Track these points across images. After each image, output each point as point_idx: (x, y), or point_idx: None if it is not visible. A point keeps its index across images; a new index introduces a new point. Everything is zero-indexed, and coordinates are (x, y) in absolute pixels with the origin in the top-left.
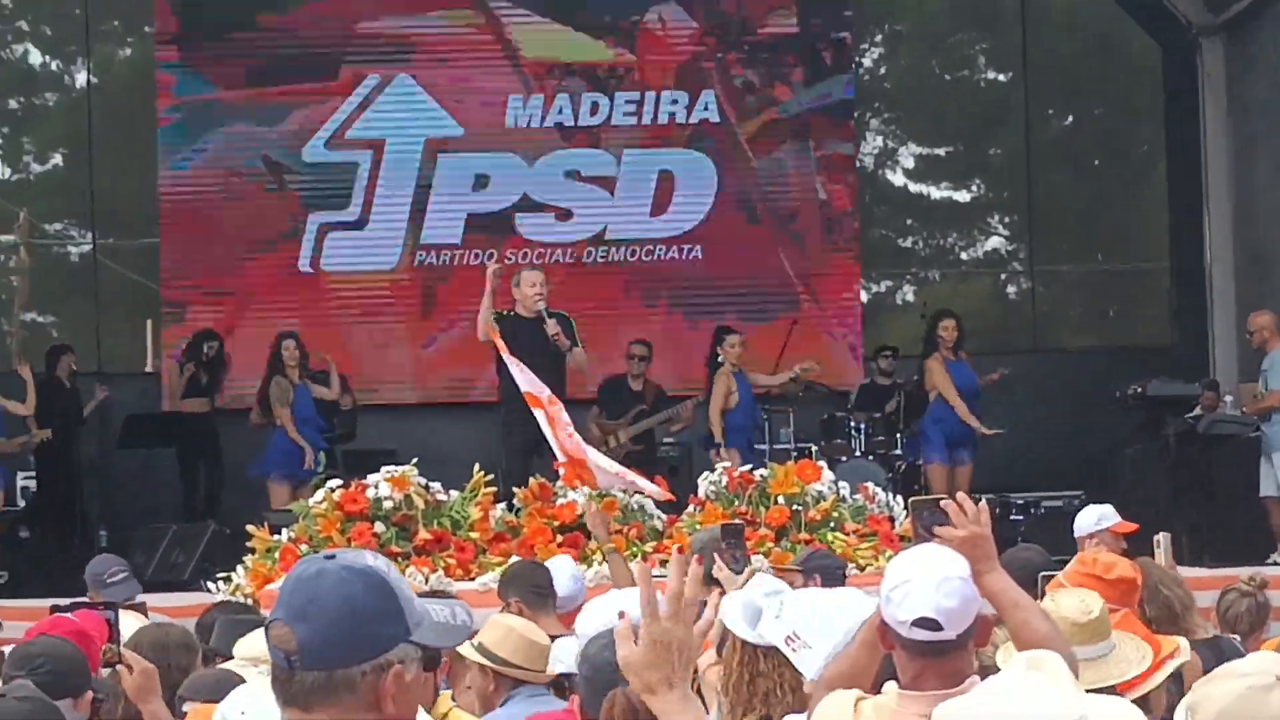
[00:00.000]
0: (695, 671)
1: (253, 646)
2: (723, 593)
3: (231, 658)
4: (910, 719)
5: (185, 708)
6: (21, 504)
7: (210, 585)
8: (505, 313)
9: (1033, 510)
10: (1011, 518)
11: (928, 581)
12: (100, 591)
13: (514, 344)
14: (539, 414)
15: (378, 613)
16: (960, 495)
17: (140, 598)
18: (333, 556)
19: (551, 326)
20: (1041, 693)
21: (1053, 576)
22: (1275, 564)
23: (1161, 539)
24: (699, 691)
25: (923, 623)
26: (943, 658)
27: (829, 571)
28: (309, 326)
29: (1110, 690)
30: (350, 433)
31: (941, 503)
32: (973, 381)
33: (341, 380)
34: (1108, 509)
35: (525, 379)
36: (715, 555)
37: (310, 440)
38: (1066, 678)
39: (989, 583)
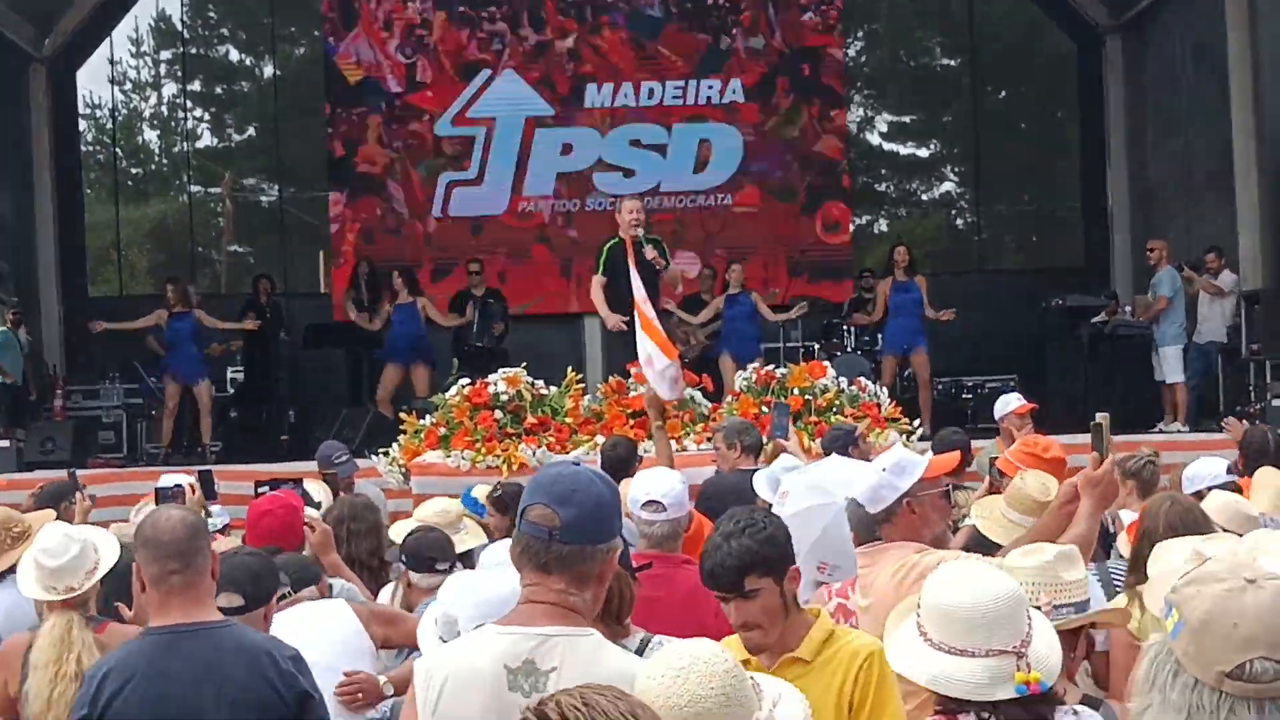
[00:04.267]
0: None
1: (430, 510)
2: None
3: None
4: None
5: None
6: (231, 391)
7: (373, 456)
8: (616, 240)
9: (979, 389)
10: (964, 395)
11: (863, 473)
12: (331, 468)
13: (620, 264)
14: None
15: (614, 508)
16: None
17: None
18: (577, 464)
19: (650, 251)
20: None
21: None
22: (1162, 431)
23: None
24: None
25: (854, 501)
26: (881, 525)
27: (847, 438)
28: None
29: None
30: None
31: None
32: (917, 299)
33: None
34: (1013, 396)
35: (639, 292)
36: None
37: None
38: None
39: (1082, 508)
